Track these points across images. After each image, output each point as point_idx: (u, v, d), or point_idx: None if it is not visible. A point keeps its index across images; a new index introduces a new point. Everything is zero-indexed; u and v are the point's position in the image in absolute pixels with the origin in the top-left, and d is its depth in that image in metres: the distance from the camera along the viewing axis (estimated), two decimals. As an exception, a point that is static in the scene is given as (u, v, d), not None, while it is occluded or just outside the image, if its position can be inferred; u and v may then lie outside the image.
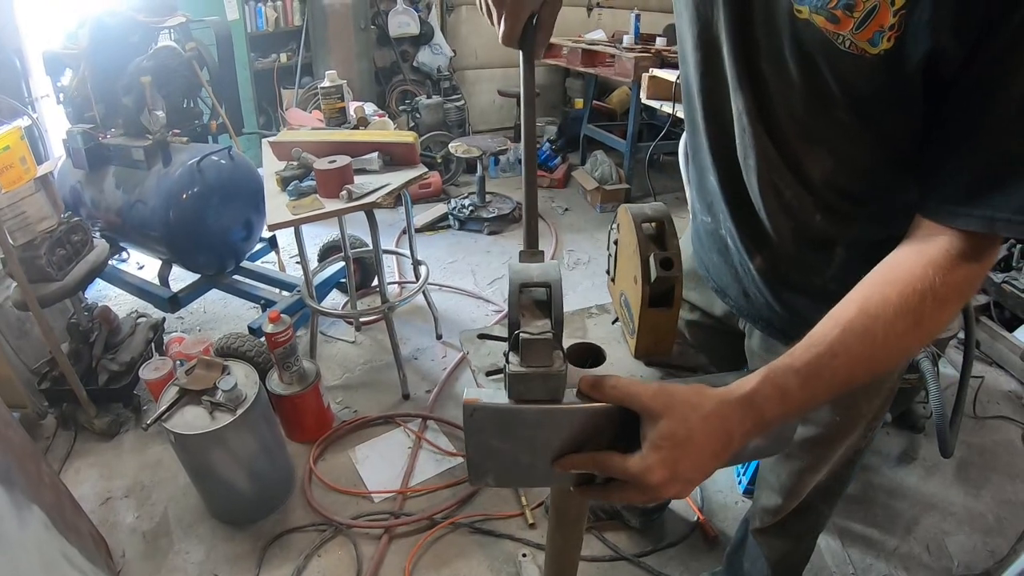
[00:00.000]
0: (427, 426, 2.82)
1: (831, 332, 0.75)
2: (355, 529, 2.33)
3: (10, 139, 2.27)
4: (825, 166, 0.90)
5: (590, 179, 5.21)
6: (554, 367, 0.75)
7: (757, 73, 0.87)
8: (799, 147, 0.90)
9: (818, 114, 0.84)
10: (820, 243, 1.00)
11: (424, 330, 3.49)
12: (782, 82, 0.85)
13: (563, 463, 0.81)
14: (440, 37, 5.99)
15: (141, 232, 3.11)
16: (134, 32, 3.18)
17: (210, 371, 2.25)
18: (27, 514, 1.57)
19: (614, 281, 1.10)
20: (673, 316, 0.94)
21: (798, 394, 0.74)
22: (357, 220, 2.89)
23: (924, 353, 2.22)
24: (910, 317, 0.72)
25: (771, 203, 0.98)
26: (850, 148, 0.87)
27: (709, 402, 0.74)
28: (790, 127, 0.89)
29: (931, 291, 0.72)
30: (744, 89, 0.89)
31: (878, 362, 0.76)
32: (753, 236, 1.05)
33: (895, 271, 0.76)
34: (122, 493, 2.52)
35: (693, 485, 0.76)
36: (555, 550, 1.36)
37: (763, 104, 0.89)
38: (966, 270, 0.73)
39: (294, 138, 2.80)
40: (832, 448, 1.35)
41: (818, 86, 0.80)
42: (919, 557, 2.22)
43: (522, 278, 0.79)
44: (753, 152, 0.93)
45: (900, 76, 0.73)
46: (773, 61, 0.84)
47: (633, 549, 2.25)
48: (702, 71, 0.97)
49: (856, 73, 0.75)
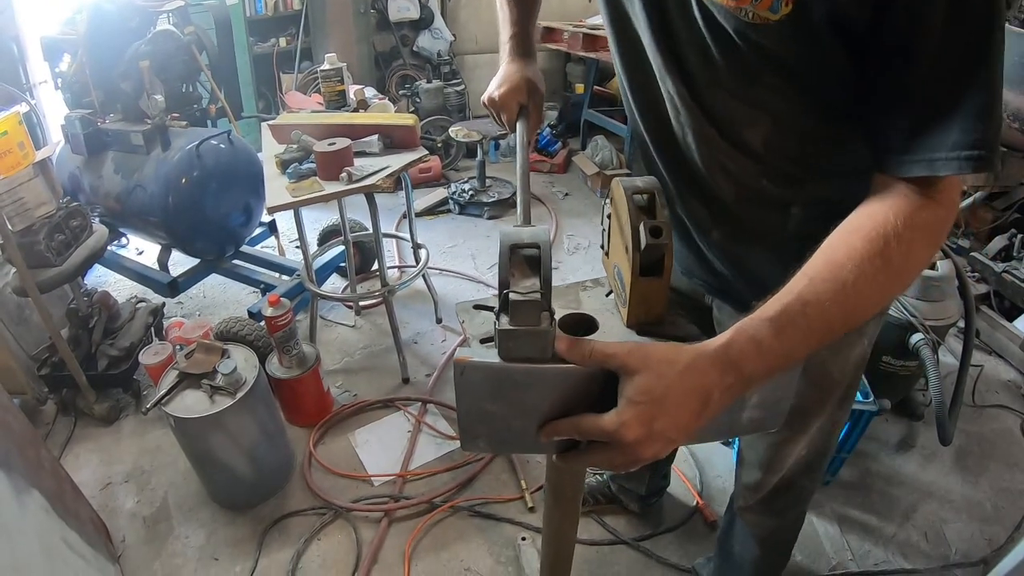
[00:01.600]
0: (427, 410, 2.83)
1: (799, 283, 0.75)
2: (355, 513, 2.35)
3: (8, 124, 2.26)
4: (763, 133, 0.94)
5: (591, 164, 5.18)
6: (542, 326, 0.76)
7: (681, 59, 0.93)
8: (737, 119, 0.95)
9: (748, 86, 0.89)
10: (773, 207, 1.04)
11: (424, 314, 3.49)
12: (707, 63, 0.89)
13: (547, 430, 0.81)
14: (440, 22, 5.94)
15: (140, 217, 3.11)
16: (132, 17, 3.15)
17: (210, 355, 2.25)
18: (27, 499, 1.58)
19: (608, 255, 1.11)
20: (664, 285, 0.95)
21: (774, 344, 0.74)
22: (357, 204, 2.88)
23: (924, 341, 2.22)
24: (877, 259, 0.73)
25: (717, 176, 1.03)
26: (787, 113, 0.91)
27: (685, 357, 0.74)
28: (724, 102, 0.94)
29: (895, 233, 0.73)
30: (672, 75, 0.95)
31: (852, 308, 0.76)
32: (705, 210, 1.11)
33: (858, 220, 0.78)
34: (122, 478, 2.53)
35: (672, 444, 0.75)
36: (552, 528, 1.37)
37: (692, 86, 0.95)
38: (927, 212, 0.75)
39: (294, 121, 2.78)
40: (807, 418, 1.36)
41: (740, 60, 0.85)
42: (917, 544, 2.23)
43: (512, 240, 0.80)
44: (691, 131, 1.00)
45: (808, 37, 0.77)
46: (694, 45, 0.89)
47: (632, 533, 2.26)
48: (630, 67, 1.05)
49: (768, 41, 0.80)
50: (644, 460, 0.76)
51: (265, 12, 5.53)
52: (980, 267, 3.20)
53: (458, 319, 1.06)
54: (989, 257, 3.21)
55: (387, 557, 2.21)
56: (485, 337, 0.94)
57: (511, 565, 2.17)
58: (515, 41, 1.37)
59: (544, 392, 0.80)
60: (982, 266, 3.18)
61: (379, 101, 3.19)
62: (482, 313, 1.06)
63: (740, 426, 0.90)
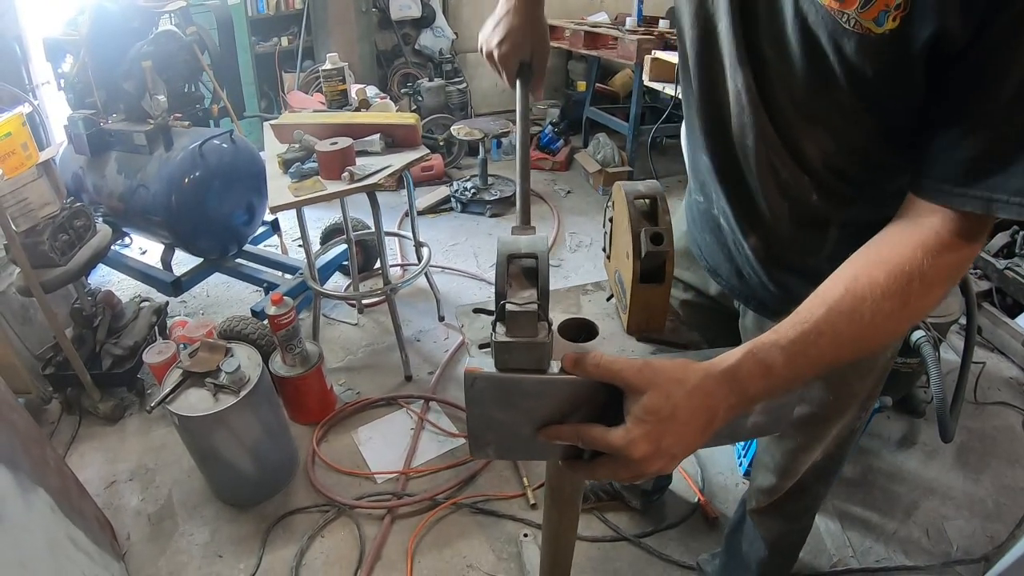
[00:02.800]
0: (429, 407, 2.84)
1: (817, 310, 0.74)
2: (358, 510, 2.36)
3: (11, 125, 2.26)
4: (823, 147, 0.90)
5: (592, 162, 5.19)
6: (538, 337, 0.76)
7: (757, 51, 0.86)
8: (798, 127, 0.89)
9: (819, 94, 0.83)
10: (815, 223, 1.00)
11: (426, 312, 3.50)
12: (783, 61, 0.84)
13: (547, 432, 0.81)
14: (442, 20, 5.94)
15: (143, 217, 3.11)
16: (134, 17, 3.16)
17: (213, 353, 2.26)
18: (33, 497, 1.59)
19: (609, 259, 1.11)
20: (664, 292, 0.94)
21: (782, 371, 0.74)
22: (359, 203, 2.89)
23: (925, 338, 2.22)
24: (897, 299, 0.72)
25: (768, 183, 0.97)
26: (849, 129, 0.86)
27: (693, 377, 0.74)
28: (789, 107, 0.88)
29: (919, 274, 0.72)
30: (743, 67, 0.88)
31: (864, 342, 0.76)
32: (748, 216, 1.05)
33: (883, 251, 0.76)
34: (127, 476, 2.54)
35: (677, 460, 0.76)
36: (552, 528, 1.37)
37: (763, 83, 0.88)
38: (956, 253, 0.73)
39: (296, 120, 2.79)
40: (826, 427, 1.36)
41: (820, 65, 0.79)
42: (918, 541, 2.23)
43: (510, 249, 0.80)
44: (752, 132, 0.93)
45: (905, 56, 0.71)
46: (774, 39, 0.83)
47: (634, 530, 2.27)
48: (699, 48, 0.96)
49: (860, 53, 0.74)
50: (649, 475, 0.76)
51: (267, 11, 5.53)
52: (982, 264, 3.20)
53: (457, 323, 1.06)
54: (991, 254, 3.21)
55: (390, 554, 2.22)
56: (484, 343, 0.93)
57: (513, 562, 2.18)
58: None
59: (554, 401, 0.80)
60: (984, 263, 3.18)
61: (381, 100, 3.19)
62: (481, 317, 1.06)
63: (744, 432, 0.90)
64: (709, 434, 0.75)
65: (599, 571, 2.15)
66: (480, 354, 0.87)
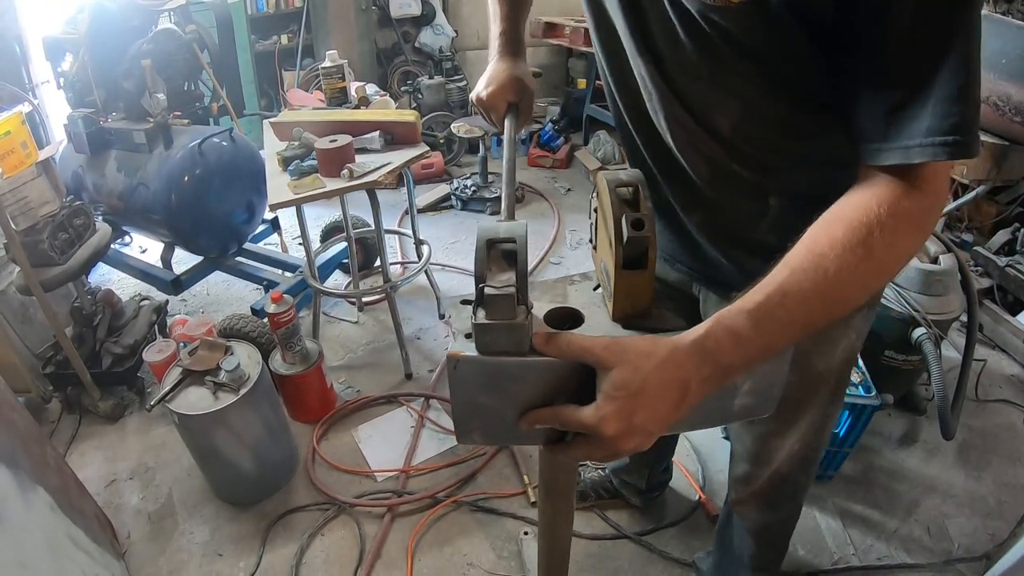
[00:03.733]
0: (430, 405, 2.84)
1: (780, 273, 0.75)
2: (358, 508, 2.36)
3: (11, 124, 2.26)
4: (734, 119, 0.95)
5: (593, 159, 5.18)
6: (517, 319, 0.76)
7: (651, 40, 0.94)
8: (704, 100, 0.95)
9: (715, 69, 0.89)
10: (750, 194, 1.04)
11: (426, 310, 3.49)
12: (675, 45, 0.90)
13: (528, 418, 0.81)
14: (442, 18, 5.93)
15: (143, 215, 3.11)
16: (134, 16, 3.16)
17: (213, 352, 2.26)
18: (32, 496, 1.59)
19: (596, 248, 1.11)
20: (648, 277, 0.94)
21: (753, 336, 0.73)
22: (359, 201, 2.89)
23: (927, 335, 2.22)
24: (860, 249, 0.72)
25: (690, 158, 1.03)
26: (756, 99, 0.91)
27: (661, 350, 0.73)
28: (693, 85, 0.94)
29: (878, 222, 0.73)
30: (642, 56, 0.96)
31: (834, 299, 0.75)
32: (686, 194, 1.11)
33: (841, 209, 0.77)
34: (127, 475, 2.54)
35: (653, 437, 0.75)
36: (546, 522, 1.37)
37: (662, 67, 0.96)
38: (911, 201, 0.74)
39: (295, 118, 2.79)
40: (795, 411, 1.36)
41: (706, 44, 0.86)
42: (919, 539, 2.23)
43: (489, 234, 0.80)
44: (662, 113, 1.00)
45: (770, 23, 0.77)
46: (662, 27, 0.90)
47: (634, 527, 2.27)
48: (605, 49, 1.07)
49: (731, 23, 0.80)
50: (624, 453, 0.76)
51: (267, 10, 5.53)
52: (983, 261, 3.19)
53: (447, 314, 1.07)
54: (992, 251, 3.20)
55: (390, 552, 2.22)
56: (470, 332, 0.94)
57: (513, 560, 2.17)
58: (504, 38, 1.34)
59: (536, 384, 0.80)
60: (985, 260, 3.18)
61: (380, 98, 3.19)
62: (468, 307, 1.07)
63: (732, 413, 0.90)
64: (685, 409, 0.74)
65: (599, 569, 2.15)
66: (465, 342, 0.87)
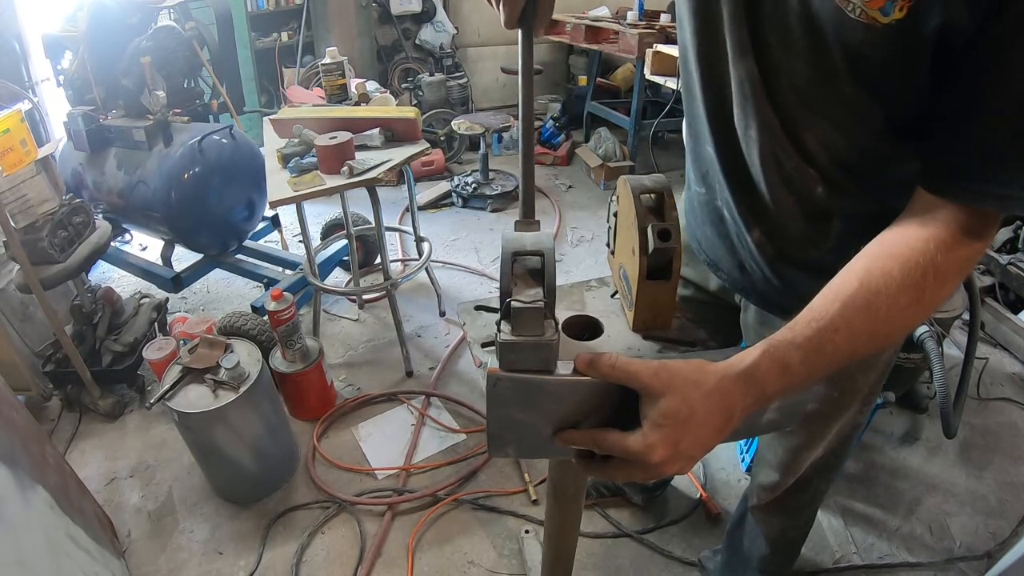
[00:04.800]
0: (430, 403, 2.84)
1: (832, 306, 0.74)
2: (359, 506, 2.35)
3: (10, 122, 2.25)
4: (827, 138, 0.89)
5: (594, 156, 5.17)
6: (545, 336, 0.74)
7: (761, 40, 0.85)
8: (802, 118, 0.88)
9: (822, 84, 0.82)
10: (818, 216, 0.99)
11: (427, 307, 3.49)
12: (787, 50, 0.83)
13: (563, 438, 0.80)
14: (442, 14, 5.92)
15: (143, 213, 3.11)
16: (133, 13, 3.15)
17: (213, 350, 2.26)
18: (32, 495, 1.58)
19: (614, 254, 1.09)
20: (672, 289, 0.93)
21: (799, 368, 0.73)
22: (360, 198, 2.89)
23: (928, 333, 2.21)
24: (912, 292, 0.72)
25: (772, 175, 0.96)
26: (853, 120, 0.85)
27: (710, 379, 0.73)
28: (793, 97, 0.87)
29: (933, 267, 0.71)
30: (746, 57, 0.87)
31: (879, 336, 0.75)
32: (751, 209, 1.04)
33: (897, 245, 0.75)
34: (127, 473, 2.54)
35: (695, 461, 0.76)
36: (554, 526, 1.37)
37: (766, 73, 0.87)
38: (969, 247, 0.73)
39: (295, 115, 2.78)
40: (828, 424, 1.35)
41: (824, 55, 0.78)
42: (921, 537, 2.22)
43: (515, 247, 0.78)
44: (755, 123, 0.92)
45: (910, 48, 0.71)
46: (778, 28, 0.82)
47: (636, 526, 2.26)
48: (700, 38, 0.95)
49: (865, 43, 0.73)
50: (666, 476, 0.76)
51: (267, 7, 5.52)
52: (985, 259, 3.18)
53: (459, 320, 1.05)
54: (994, 249, 3.19)
55: (391, 550, 2.22)
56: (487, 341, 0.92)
57: (514, 558, 2.17)
58: None
59: (573, 402, 0.79)
60: (987, 258, 3.17)
61: (380, 94, 3.18)
62: (483, 315, 1.05)
63: (759, 428, 0.90)
64: (726, 433, 0.75)
65: (601, 567, 2.15)
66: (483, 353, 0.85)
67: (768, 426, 0.90)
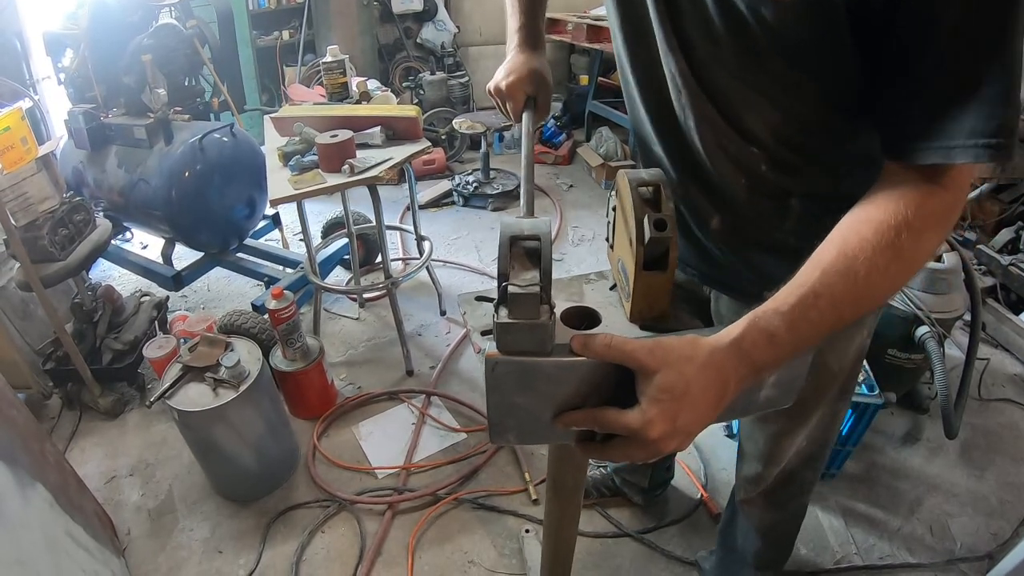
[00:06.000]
0: (431, 402, 2.84)
1: (813, 274, 0.75)
2: (359, 505, 2.35)
3: (11, 120, 2.25)
4: (767, 118, 0.93)
5: (595, 155, 5.17)
6: (540, 319, 0.75)
7: (684, 35, 0.91)
8: (738, 103, 0.93)
9: (751, 68, 0.87)
10: (773, 196, 1.02)
11: (428, 306, 3.49)
12: (711, 40, 0.87)
13: (563, 419, 0.81)
14: (444, 13, 5.91)
15: (144, 211, 3.10)
16: (134, 11, 3.15)
17: (213, 348, 2.26)
18: (31, 493, 1.58)
19: (612, 248, 1.10)
20: (668, 279, 0.94)
21: (786, 336, 0.74)
22: (361, 196, 2.88)
23: (930, 333, 2.21)
24: (889, 251, 0.73)
25: (718, 161, 1.00)
26: (790, 99, 0.89)
27: (702, 352, 0.74)
28: (726, 84, 0.92)
29: (906, 224, 0.73)
30: (674, 52, 0.93)
31: (863, 299, 0.76)
32: (707, 198, 1.08)
33: (869, 210, 0.77)
34: (127, 471, 2.54)
35: (692, 437, 0.77)
36: (553, 521, 1.37)
37: (694, 65, 0.92)
38: (938, 200, 0.75)
39: (296, 113, 2.78)
40: (806, 410, 1.36)
41: (746, 39, 0.83)
42: (922, 538, 2.22)
43: (513, 231, 0.80)
44: (692, 113, 0.97)
45: (821, 19, 0.75)
46: (699, 20, 0.87)
47: (636, 526, 2.26)
48: (632, 44, 1.02)
49: (780, 20, 0.78)
50: (664, 453, 0.77)
51: (268, 5, 5.50)
52: (986, 260, 3.18)
53: (460, 311, 1.06)
54: (996, 250, 3.19)
55: (391, 549, 2.22)
56: (486, 329, 0.93)
57: (514, 557, 2.17)
58: (524, 32, 1.32)
59: (573, 384, 0.80)
60: (988, 259, 3.16)
61: (382, 93, 3.18)
62: (484, 305, 1.06)
63: (757, 405, 0.91)
64: (722, 407, 0.76)
65: (601, 567, 2.15)
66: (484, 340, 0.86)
67: (766, 403, 0.91)
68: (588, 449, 0.85)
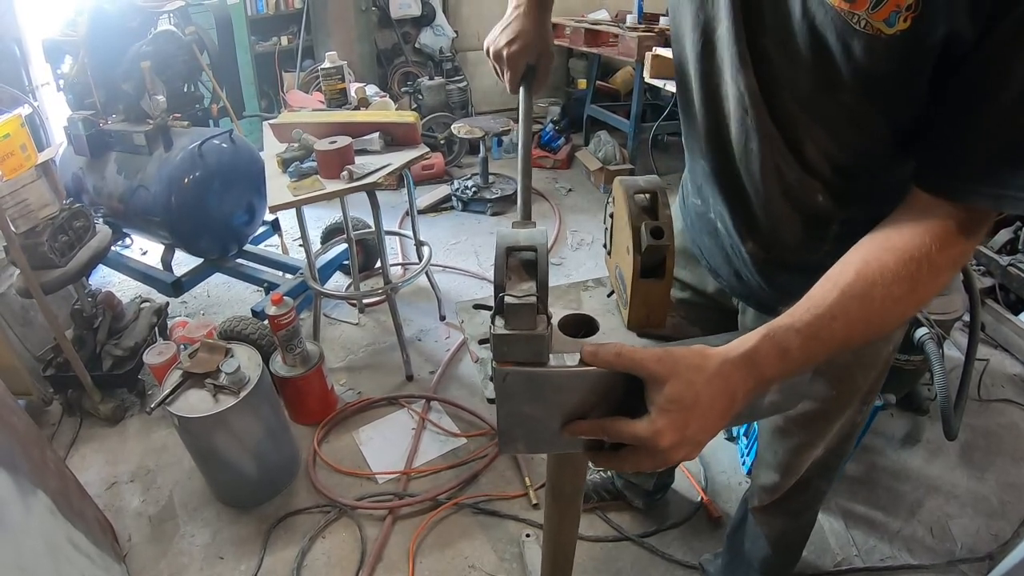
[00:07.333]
0: (431, 407, 2.83)
1: (830, 294, 0.75)
2: (359, 510, 2.35)
3: (10, 127, 2.26)
4: (828, 148, 0.89)
5: (594, 160, 5.18)
6: (537, 330, 0.76)
7: (761, 52, 0.85)
8: (803, 129, 0.89)
9: (824, 94, 0.83)
10: (816, 223, 1.00)
11: (427, 311, 3.49)
12: (789, 62, 0.83)
13: (571, 429, 0.81)
14: (442, 18, 5.93)
15: (143, 217, 3.11)
16: (133, 17, 3.16)
17: (213, 354, 2.25)
18: (32, 500, 1.58)
19: (610, 255, 1.10)
20: (665, 287, 0.94)
21: (797, 354, 0.75)
22: (360, 202, 2.88)
23: (929, 335, 2.21)
24: (906, 284, 0.74)
25: (772, 187, 0.97)
26: (854, 130, 0.86)
27: (712, 363, 0.74)
28: (794, 108, 0.87)
29: (927, 260, 0.73)
30: (746, 69, 0.87)
31: (874, 325, 0.77)
32: (745, 222, 1.06)
33: (892, 239, 0.76)
34: (127, 478, 2.54)
35: (701, 446, 0.77)
36: (552, 526, 1.37)
37: (766, 85, 0.87)
38: (963, 243, 0.75)
39: (295, 119, 2.78)
40: (829, 423, 1.36)
41: (827, 66, 0.78)
42: (922, 540, 2.22)
43: (508, 242, 0.80)
44: (756, 135, 0.92)
45: (914, 58, 0.71)
46: (780, 40, 0.82)
47: (636, 529, 2.26)
48: (699, 52, 0.94)
49: (869, 54, 0.73)
50: (674, 463, 0.78)
51: (266, 11, 5.53)
52: (985, 260, 3.18)
53: (458, 319, 1.06)
54: (994, 251, 3.19)
55: (392, 555, 2.22)
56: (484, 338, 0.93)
57: (515, 562, 2.17)
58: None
59: (580, 393, 0.80)
60: (987, 259, 3.17)
61: (380, 99, 3.18)
62: (481, 313, 1.06)
63: (761, 410, 0.92)
64: (730, 417, 0.76)
65: (601, 571, 2.15)
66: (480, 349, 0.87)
67: (770, 408, 0.91)
68: (597, 458, 0.85)
